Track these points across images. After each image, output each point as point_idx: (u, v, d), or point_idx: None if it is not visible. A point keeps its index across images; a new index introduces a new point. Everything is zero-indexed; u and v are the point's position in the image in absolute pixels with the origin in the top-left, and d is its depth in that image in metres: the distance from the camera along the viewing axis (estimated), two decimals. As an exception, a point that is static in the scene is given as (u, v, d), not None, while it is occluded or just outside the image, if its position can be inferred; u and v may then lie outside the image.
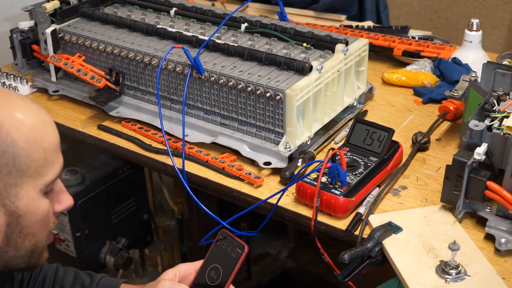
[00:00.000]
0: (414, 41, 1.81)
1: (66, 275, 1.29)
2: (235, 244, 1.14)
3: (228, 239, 1.16)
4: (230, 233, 1.16)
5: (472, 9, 2.86)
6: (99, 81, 1.55)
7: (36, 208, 0.97)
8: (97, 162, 1.83)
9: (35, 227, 0.99)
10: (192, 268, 1.17)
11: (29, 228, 0.98)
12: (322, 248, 1.16)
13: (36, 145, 0.94)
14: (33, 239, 1.00)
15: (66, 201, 1.04)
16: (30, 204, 0.96)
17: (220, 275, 1.13)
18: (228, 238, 1.16)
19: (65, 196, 1.04)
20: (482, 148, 1.14)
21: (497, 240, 1.14)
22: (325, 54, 1.45)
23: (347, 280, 1.11)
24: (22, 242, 0.99)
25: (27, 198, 0.95)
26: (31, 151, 0.94)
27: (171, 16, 1.67)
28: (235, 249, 1.14)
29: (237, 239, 1.16)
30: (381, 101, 1.64)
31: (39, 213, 0.98)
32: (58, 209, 1.03)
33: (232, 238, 1.15)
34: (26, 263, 1.03)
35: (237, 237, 1.16)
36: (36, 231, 1.00)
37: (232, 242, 1.15)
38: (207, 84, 1.44)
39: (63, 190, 1.04)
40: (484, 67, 1.38)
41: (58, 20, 1.68)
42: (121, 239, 1.87)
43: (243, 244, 1.13)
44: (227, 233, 1.16)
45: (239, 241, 1.15)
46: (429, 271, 1.07)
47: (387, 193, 1.30)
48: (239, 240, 1.15)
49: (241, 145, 1.41)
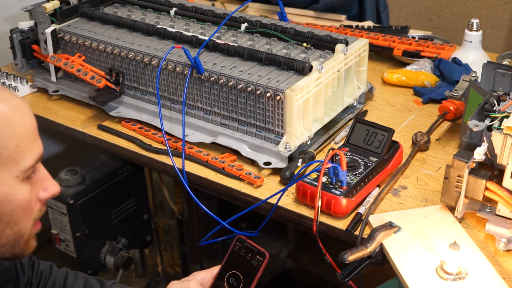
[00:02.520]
0: (414, 41, 1.81)
1: (75, 281, 1.27)
2: (255, 251, 1.13)
3: (246, 245, 1.15)
4: (248, 239, 1.15)
5: (472, 9, 2.86)
6: (99, 81, 1.55)
7: (14, 195, 0.95)
8: (97, 162, 1.82)
9: (15, 214, 0.97)
10: (208, 276, 1.15)
11: (8, 216, 0.96)
12: (324, 248, 1.16)
13: (8, 132, 0.93)
14: (14, 228, 0.98)
15: (51, 188, 1.02)
16: (7, 192, 0.94)
17: (241, 283, 1.12)
18: (246, 244, 1.15)
19: (49, 182, 1.02)
20: (482, 148, 1.14)
21: (497, 240, 1.14)
22: (325, 54, 1.45)
23: (347, 280, 1.11)
24: (3, 230, 0.97)
25: (2, 185, 0.94)
26: (2, 138, 0.92)
27: (171, 16, 1.67)
28: (255, 256, 1.13)
29: (257, 245, 1.14)
30: (381, 101, 1.64)
31: (18, 200, 0.96)
32: (43, 196, 1.01)
33: (251, 245, 1.14)
34: (10, 252, 1.01)
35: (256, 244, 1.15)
36: (17, 219, 0.98)
37: (251, 249, 1.13)
38: (207, 84, 1.44)
39: (47, 177, 1.02)
40: (484, 67, 1.38)
41: (58, 20, 1.68)
42: (121, 239, 1.87)
43: (264, 251, 1.12)
44: (244, 239, 1.14)
45: (259, 248, 1.13)
46: (429, 271, 1.07)
47: (387, 193, 1.30)
48: (259, 247, 1.14)
49: (241, 145, 1.41)
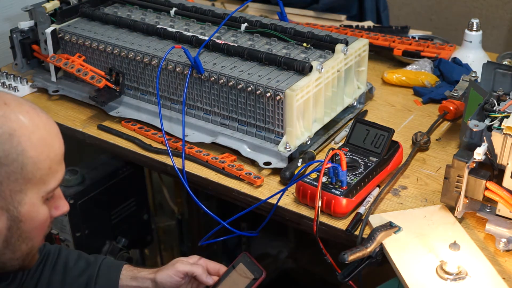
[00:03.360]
0: (414, 41, 1.81)
1: (70, 253, 1.32)
2: (254, 268, 1.16)
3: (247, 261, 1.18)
4: (251, 256, 1.18)
5: (472, 9, 2.86)
6: (99, 81, 1.55)
7: (36, 214, 1.00)
8: (97, 162, 1.83)
9: (33, 232, 1.02)
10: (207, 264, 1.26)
11: (28, 232, 1.01)
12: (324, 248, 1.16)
13: (44, 155, 0.97)
14: (30, 243, 1.03)
15: (63, 207, 1.07)
16: (31, 211, 0.99)
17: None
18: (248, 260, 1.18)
19: (62, 202, 1.07)
20: (482, 148, 1.14)
21: (497, 240, 1.14)
22: (325, 54, 1.45)
23: (347, 280, 1.11)
24: (20, 245, 1.01)
25: (29, 205, 0.98)
26: (38, 160, 0.96)
27: (171, 16, 1.67)
28: (253, 272, 1.16)
29: (257, 263, 1.17)
30: (381, 101, 1.64)
31: (39, 219, 1.01)
32: (55, 214, 1.06)
33: (252, 262, 1.17)
34: (20, 264, 1.05)
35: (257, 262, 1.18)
36: (34, 236, 1.02)
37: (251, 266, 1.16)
38: (207, 84, 1.44)
39: (60, 196, 1.07)
40: (484, 67, 1.38)
41: (58, 20, 1.67)
42: (121, 239, 1.87)
43: (261, 269, 1.14)
44: (248, 256, 1.18)
45: (258, 266, 1.16)
46: (429, 271, 1.07)
47: (387, 193, 1.30)
48: (259, 265, 1.17)
49: (241, 145, 1.41)
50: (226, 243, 2.34)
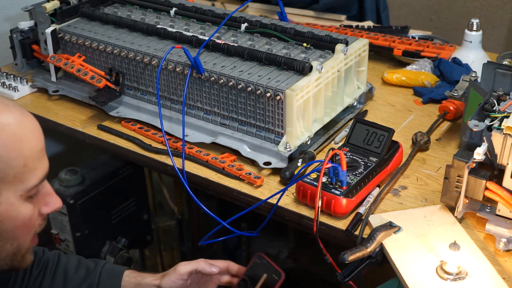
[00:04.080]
0: (414, 41, 1.81)
1: (69, 260, 1.29)
2: (272, 269, 1.13)
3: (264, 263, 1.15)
4: (266, 257, 1.15)
5: (472, 9, 2.86)
6: (99, 81, 1.55)
7: (16, 213, 0.96)
8: (97, 162, 1.82)
9: (16, 231, 0.98)
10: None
11: (9, 232, 0.97)
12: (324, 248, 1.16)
13: (15, 153, 0.93)
14: (14, 243, 0.99)
15: (54, 204, 1.03)
16: (9, 210, 0.95)
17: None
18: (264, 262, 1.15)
19: (52, 198, 1.03)
20: (482, 148, 1.14)
21: (497, 240, 1.14)
22: (325, 54, 1.45)
23: (347, 280, 1.11)
24: (3, 245, 0.98)
25: (5, 204, 0.95)
26: (9, 158, 0.93)
27: (171, 16, 1.67)
28: (271, 275, 1.13)
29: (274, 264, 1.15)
30: (381, 101, 1.64)
31: (19, 218, 0.97)
32: (44, 211, 1.03)
33: (269, 263, 1.14)
34: (8, 265, 1.02)
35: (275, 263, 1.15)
36: (18, 235, 0.99)
37: (268, 267, 1.14)
38: (207, 84, 1.44)
39: (50, 193, 1.03)
40: (484, 67, 1.38)
41: (58, 20, 1.67)
42: (121, 239, 1.87)
43: (280, 271, 1.12)
44: (263, 257, 1.15)
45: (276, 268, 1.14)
46: (429, 271, 1.07)
47: (387, 193, 1.30)
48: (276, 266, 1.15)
49: (241, 145, 1.41)
50: (226, 243, 2.35)
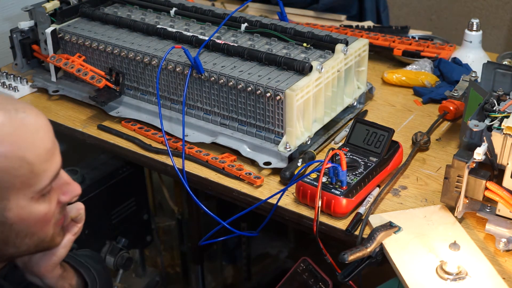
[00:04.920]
0: (414, 41, 1.81)
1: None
2: (319, 277, 1.11)
3: (310, 269, 1.13)
4: (312, 262, 1.13)
5: (472, 9, 2.86)
6: (99, 81, 1.55)
7: (29, 214, 0.96)
8: (97, 162, 1.82)
9: (32, 228, 0.98)
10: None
11: (25, 230, 0.97)
12: (324, 248, 1.16)
13: (18, 162, 0.91)
14: (34, 237, 0.99)
15: (73, 191, 1.03)
16: (20, 213, 0.95)
17: None
18: (311, 268, 1.13)
19: (70, 187, 1.03)
20: (482, 148, 1.14)
21: (497, 240, 1.14)
22: (325, 54, 1.45)
23: (347, 280, 1.11)
24: (22, 241, 0.98)
25: (16, 208, 0.94)
26: (12, 168, 0.91)
27: (171, 16, 1.67)
28: (317, 282, 1.12)
29: (321, 272, 1.12)
30: (381, 101, 1.64)
31: (33, 218, 0.97)
32: (63, 200, 1.02)
33: (315, 270, 1.12)
34: (34, 252, 1.03)
35: (321, 271, 1.12)
36: (36, 231, 0.99)
37: (314, 274, 1.12)
38: (207, 84, 1.44)
39: (67, 182, 1.03)
40: (484, 67, 1.38)
41: (58, 20, 1.67)
42: (121, 239, 1.87)
43: (328, 280, 1.10)
44: (309, 262, 1.13)
45: (323, 275, 1.12)
46: (429, 271, 1.07)
47: (387, 193, 1.30)
48: (323, 273, 1.12)
49: (241, 145, 1.41)
50: (226, 243, 2.35)
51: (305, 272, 1.14)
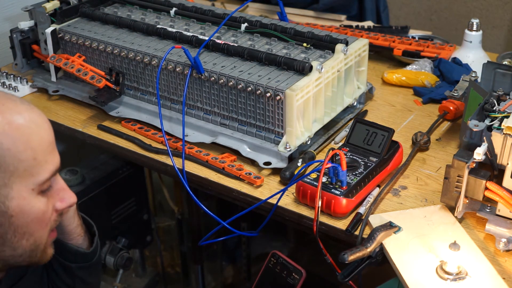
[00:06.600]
0: (414, 41, 1.81)
1: None
2: (291, 268, 1.10)
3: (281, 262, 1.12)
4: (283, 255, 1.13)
5: (472, 9, 2.86)
6: (99, 81, 1.55)
7: (29, 207, 0.97)
8: (97, 162, 1.82)
9: (31, 226, 0.98)
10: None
11: (24, 227, 0.97)
12: (324, 248, 1.16)
13: (23, 146, 0.94)
14: (30, 238, 0.99)
15: (69, 199, 1.04)
16: (22, 204, 0.95)
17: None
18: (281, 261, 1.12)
19: (67, 193, 1.04)
20: (482, 148, 1.14)
21: (497, 240, 1.14)
22: (325, 54, 1.45)
23: (347, 280, 1.11)
24: (18, 241, 0.98)
25: (18, 198, 0.95)
26: (17, 151, 0.93)
27: (171, 16, 1.67)
28: (291, 273, 1.10)
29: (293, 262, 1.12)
30: (381, 101, 1.64)
31: (33, 213, 0.97)
32: (60, 207, 1.03)
33: (287, 262, 1.11)
34: (27, 261, 1.03)
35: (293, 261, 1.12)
36: (33, 230, 0.99)
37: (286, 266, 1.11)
38: (207, 84, 1.44)
39: (64, 188, 1.04)
40: (484, 67, 1.38)
41: (58, 20, 1.67)
42: (121, 239, 1.87)
43: (300, 269, 1.09)
44: (279, 254, 1.12)
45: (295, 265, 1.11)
46: (429, 271, 1.07)
47: (387, 193, 1.30)
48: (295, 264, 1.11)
49: (241, 145, 1.41)
50: (226, 243, 2.35)
51: (276, 266, 1.12)
